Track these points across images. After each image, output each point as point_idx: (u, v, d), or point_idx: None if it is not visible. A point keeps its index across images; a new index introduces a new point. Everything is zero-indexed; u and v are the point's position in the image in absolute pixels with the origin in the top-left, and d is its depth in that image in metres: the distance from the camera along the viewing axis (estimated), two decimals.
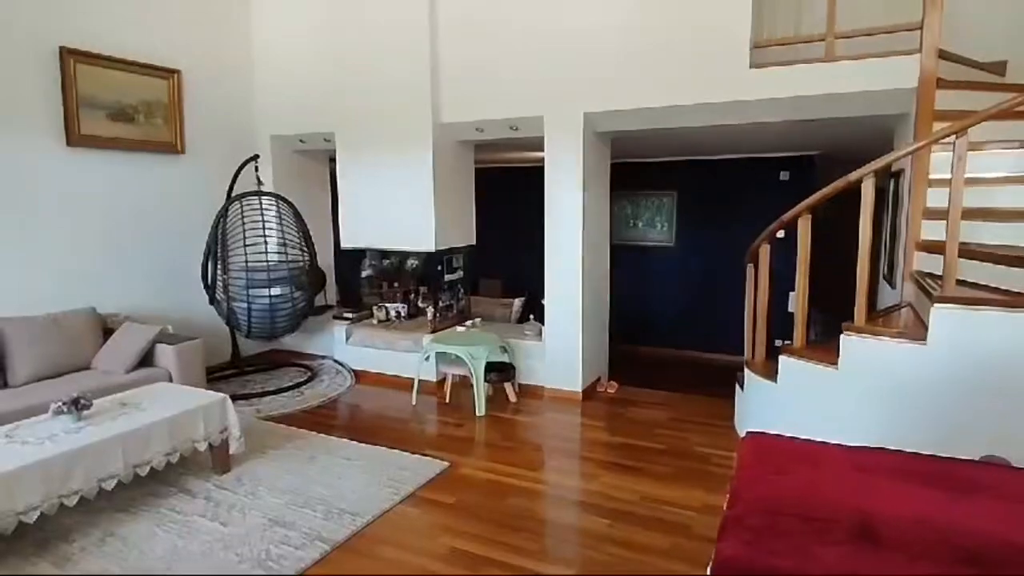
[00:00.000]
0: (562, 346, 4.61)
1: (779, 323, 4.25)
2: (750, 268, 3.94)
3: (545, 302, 4.68)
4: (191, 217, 5.08)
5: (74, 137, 4.30)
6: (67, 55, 4.20)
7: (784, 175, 7.00)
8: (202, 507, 2.96)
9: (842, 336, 2.97)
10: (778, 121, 3.98)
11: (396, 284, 5.91)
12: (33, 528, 2.60)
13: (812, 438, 2.26)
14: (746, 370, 3.77)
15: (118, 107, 4.57)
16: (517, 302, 6.91)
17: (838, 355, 2.99)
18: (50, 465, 2.53)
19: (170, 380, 3.99)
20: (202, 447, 3.18)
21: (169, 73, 4.89)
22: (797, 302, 3.34)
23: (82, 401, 2.91)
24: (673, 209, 7.67)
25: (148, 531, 2.74)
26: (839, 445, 2.19)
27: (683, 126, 4.20)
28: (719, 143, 6.22)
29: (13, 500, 2.40)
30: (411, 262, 5.82)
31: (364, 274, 6.05)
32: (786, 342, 3.49)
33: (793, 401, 3.26)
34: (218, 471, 3.30)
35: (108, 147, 4.53)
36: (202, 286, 4.86)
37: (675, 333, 7.67)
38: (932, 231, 3.12)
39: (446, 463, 3.45)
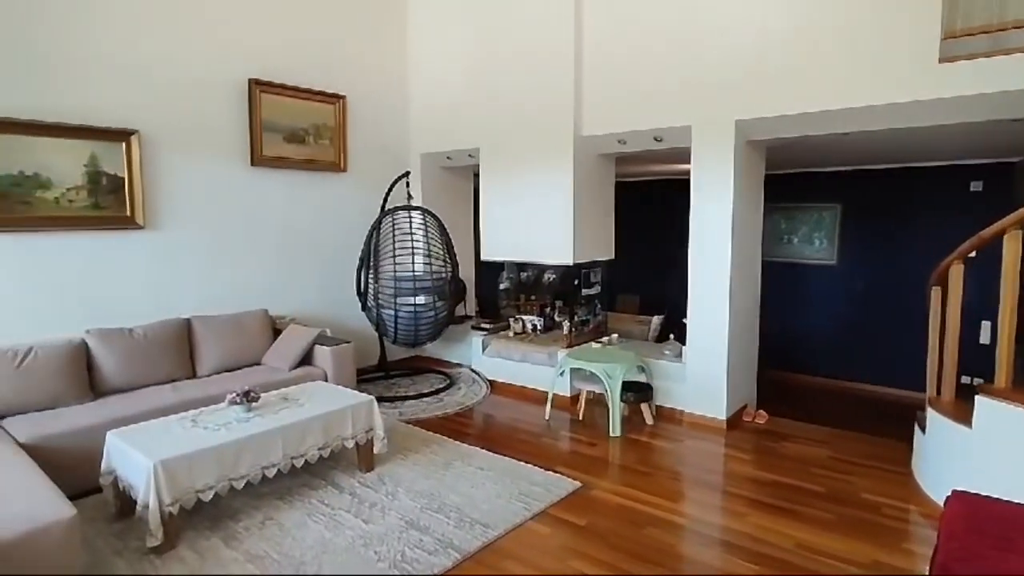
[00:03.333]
0: (705, 369, 4.31)
1: (969, 356, 3.62)
2: (935, 292, 3.41)
3: (687, 321, 4.42)
4: (349, 230, 5.50)
5: (256, 157, 4.85)
6: (254, 86, 4.76)
7: (976, 185, 6.05)
8: (347, 502, 3.13)
9: None
10: (978, 121, 3.43)
11: (533, 297, 5.95)
12: (207, 506, 2.91)
13: None
14: (929, 410, 3.25)
15: (292, 130, 5.09)
16: (655, 320, 6.62)
17: None
18: (224, 450, 2.82)
19: (325, 379, 4.32)
20: (350, 444, 3.38)
21: (336, 99, 5.36)
22: (1001, 333, 2.81)
23: (252, 394, 3.22)
24: (835, 224, 6.94)
25: (301, 520, 2.95)
26: None
27: (855, 131, 3.76)
28: (894, 150, 5.52)
29: (193, 479, 2.70)
30: (548, 275, 5.83)
31: (502, 286, 6.16)
32: (979, 380, 2.95)
33: (996, 452, 2.74)
34: (362, 469, 3.48)
35: (283, 167, 5.05)
36: (356, 293, 5.23)
37: (834, 361, 6.89)
38: None
39: (578, 483, 3.35)
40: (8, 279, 3.65)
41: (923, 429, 3.34)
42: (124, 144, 4.06)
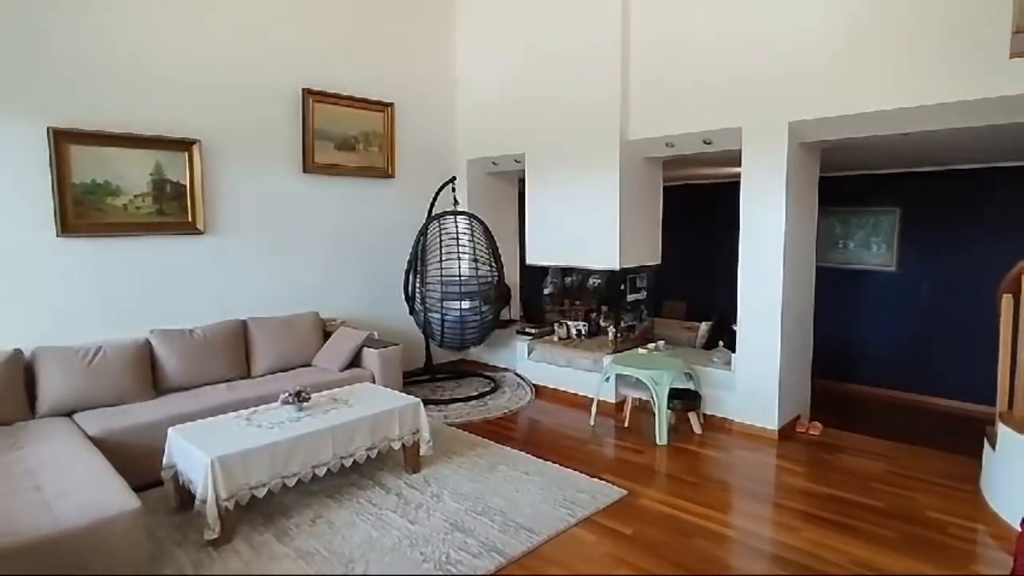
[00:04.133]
0: (756, 377, 4.20)
1: None
2: (1006, 299, 3.22)
3: (737, 328, 4.31)
4: (397, 235, 5.60)
5: (309, 165, 5.00)
6: (307, 95, 4.91)
7: None
8: (394, 503, 3.17)
9: None
10: None
11: (577, 302, 5.92)
12: (261, 502, 3.01)
13: None
14: (1000, 425, 3.07)
15: (343, 138, 5.22)
16: (703, 326, 6.48)
17: None
18: (277, 448, 2.91)
19: (373, 380, 4.41)
20: (396, 446, 3.44)
21: (385, 106, 5.48)
22: None
23: (303, 394, 3.32)
24: (894, 228, 6.67)
25: (349, 519, 3.01)
26: None
27: (916, 131, 3.60)
28: (956, 150, 5.26)
29: (248, 475, 2.80)
30: (593, 280, 5.80)
31: (546, 291, 6.16)
32: None
33: None
34: (409, 470, 3.53)
35: (334, 174, 5.19)
36: (403, 297, 5.32)
37: (893, 372, 6.60)
38: None
39: (624, 491, 3.31)
40: (82, 281, 3.87)
41: (993, 445, 3.16)
42: (187, 153, 4.25)
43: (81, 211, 3.83)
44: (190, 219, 4.31)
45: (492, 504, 3.15)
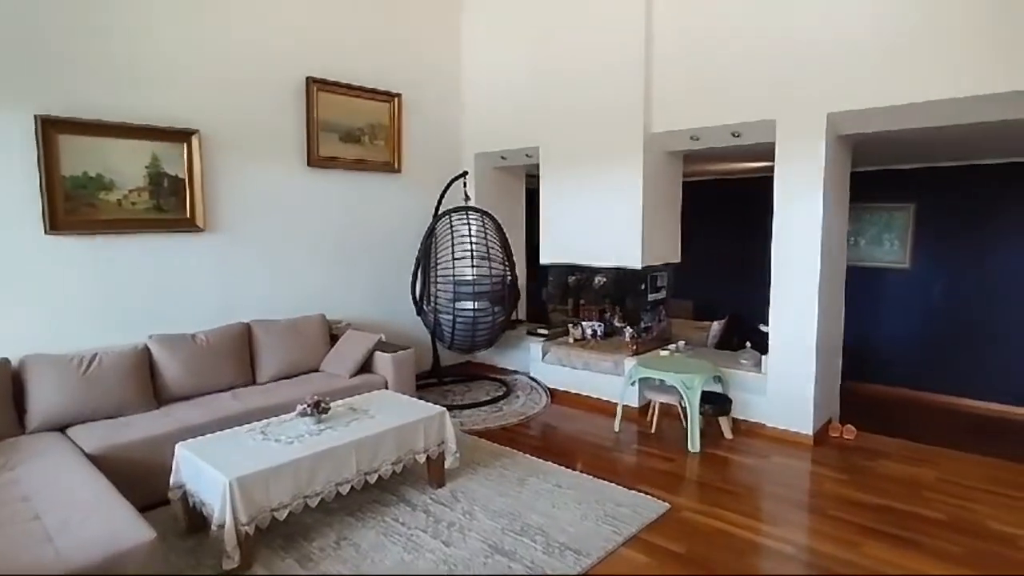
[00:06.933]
0: (790, 380, 4.02)
1: None
2: None
3: (769, 329, 4.13)
4: (404, 232, 5.35)
5: (313, 158, 4.71)
6: (312, 84, 4.63)
7: None
8: (423, 521, 2.94)
9: None
10: None
11: (583, 302, 5.71)
12: (280, 524, 2.75)
13: None
14: None
15: (347, 130, 4.95)
16: (715, 325, 6.33)
17: None
18: (300, 466, 2.65)
19: (386, 386, 4.16)
20: (421, 459, 3.20)
21: (391, 97, 5.21)
22: None
23: (322, 404, 3.06)
24: (908, 224, 6.56)
25: (376, 540, 2.77)
26: None
27: (966, 123, 3.43)
28: (974, 145, 5.12)
29: (270, 497, 2.54)
30: (599, 279, 5.59)
31: (548, 290, 5.96)
32: None
33: None
34: (433, 484, 3.29)
35: (339, 167, 4.91)
36: (410, 297, 5.06)
37: (912, 372, 6.47)
38: None
39: (667, 504, 3.11)
40: (74, 282, 3.56)
41: None
42: (185, 145, 3.96)
43: (72, 207, 3.52)
44: (189, 215, 4.02)
45: (530, 522, 2.93)
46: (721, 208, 7.76)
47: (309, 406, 3.02)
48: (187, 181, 3.99)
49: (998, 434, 5.17)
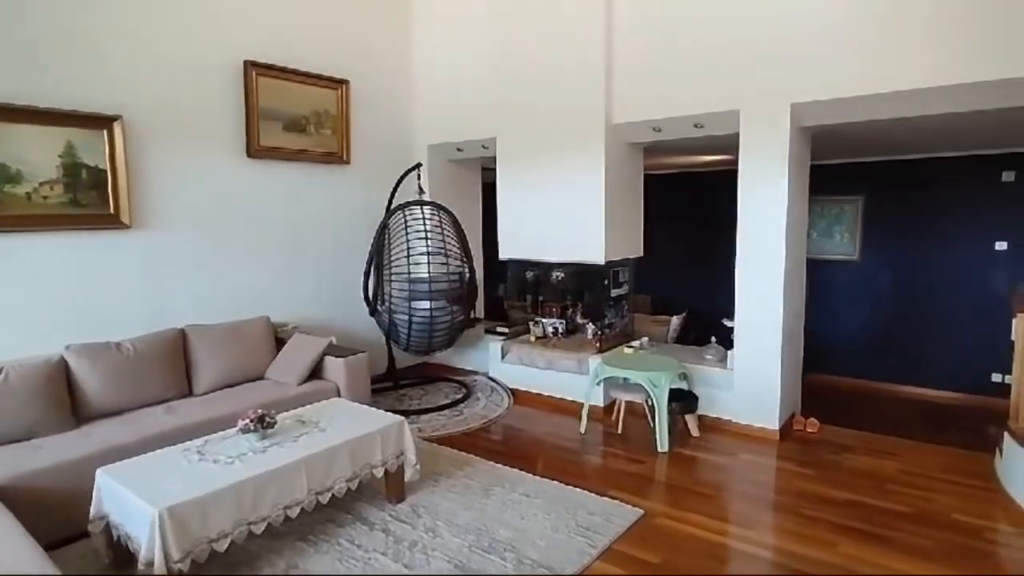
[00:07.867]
0: (756, 375, 3.97)
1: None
2: (1020, 318, 3.09)
3: (734, 324, 4.07)
4: (354, 227, 5.05)
5: (253, 148, 4.37)
6: (250, 68, 4.28)
7: (1008, 175, 5.83)
8: (382, 542, 2.70)
9: None
10: None
11: (541, 298, 5.56)
12: (220, 555, 2.46)
13: None
14: (1007, 437, 2.94)
15: (291, 118, 4.61)
16: (675, 320, 6.29)
17: None
18: (242, 489, 2.37)
19: (338, 394, 3.89)
20: (379, 473, 2.95)
21: (338, 84, 4.89)
22: None
23: (267, 419, 2.78)
24: (856, 218, 6.68)
25: (330, 566, 2.52)
26: None
27: (934, 113, 3.41)
28: (921, 138, 5.22)
29: (207, 527, 2.26)
30: (556, 275, 5.45)
31: (504, 287, 5.77)
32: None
33: None
34: (393, 500, 3.06)
35: (282, 158, 4.58)
36: (363, 297, 4.78)
37: (861, 362, 6.61)
38: None
39: (639, 510, 2.98)
40: None
41: (1000, 452, 3.03)
42: (106, 132, 3.56)
43: None
44: (112, 211, 3.62)
45: (499, 537, 2.73)
46: (679, 202, 7.74)
47: (252, 421, 2.73)
48: (109, 172, 3.60)
49: (946, 420, 5.31)
